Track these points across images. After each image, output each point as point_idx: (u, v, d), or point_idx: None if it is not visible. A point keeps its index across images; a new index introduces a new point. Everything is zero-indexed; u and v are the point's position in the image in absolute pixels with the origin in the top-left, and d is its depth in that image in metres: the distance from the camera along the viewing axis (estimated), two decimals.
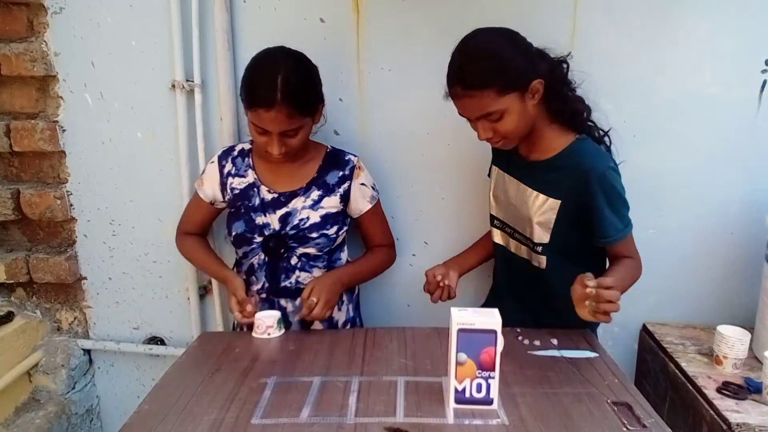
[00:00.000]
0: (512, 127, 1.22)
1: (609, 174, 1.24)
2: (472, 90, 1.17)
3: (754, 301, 1.53)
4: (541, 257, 1.34)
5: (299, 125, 1.34)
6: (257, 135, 1.35)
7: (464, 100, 1.20)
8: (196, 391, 1.14)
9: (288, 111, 1.29)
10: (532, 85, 1.20)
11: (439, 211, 1.74)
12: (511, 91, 1.17)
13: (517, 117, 1.21)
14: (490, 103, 1.18)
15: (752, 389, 1.33)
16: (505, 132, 1.23)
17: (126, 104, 1.70)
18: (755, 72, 1.54)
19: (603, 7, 1.53)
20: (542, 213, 1.30)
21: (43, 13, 1.64)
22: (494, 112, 1.19)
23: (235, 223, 1.46)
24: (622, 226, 1.28)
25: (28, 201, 1.75)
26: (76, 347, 1.90)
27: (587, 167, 1.24)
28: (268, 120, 1.29)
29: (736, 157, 1.60)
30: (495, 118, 1.20)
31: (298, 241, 1.45)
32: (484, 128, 1.23)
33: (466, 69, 1.17)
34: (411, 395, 1.11)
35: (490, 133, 1.23)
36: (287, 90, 1.27)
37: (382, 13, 1.59)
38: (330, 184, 1.48)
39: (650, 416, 1.03)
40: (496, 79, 1.16)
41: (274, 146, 1.34)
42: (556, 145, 1.30)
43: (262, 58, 1.34)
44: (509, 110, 1.19)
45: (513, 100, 1.18)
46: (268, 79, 1.28)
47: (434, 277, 1.37)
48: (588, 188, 1.23)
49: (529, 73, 1.19)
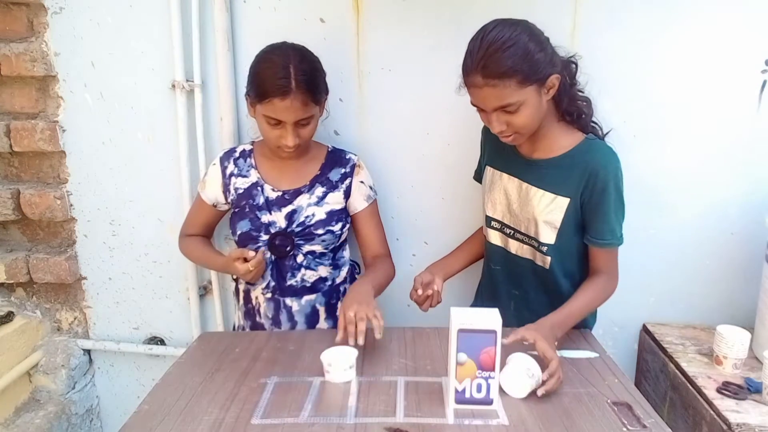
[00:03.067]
0: (527, 120, 1.20)
1: (619, 173, 1.25)
2: (494, 79, 1.14)
3: (754, 301, 1.53)
4: (546, 257, 1.34)
5: (311, 114, 1.36)
6: (270, 128, 1.35)
7: (484, 90, 1.16)
8: (196, 391, 1.14)
9: (303, 98, 1.31)
10: (550, 80, 1.19)
11: (439, 211, 1.74)
12: (531, 83, 1.16)
13: (533, 111, 1.20)
14: (510, 94, 1.15)
15: (752, 389, 1.33)
16: (520, 125, 1.21)
17: (126, 104, 1.70)
18: (755, 72, 1.54)
19: (603, 7, 1.53)
20: (549, 212, 1.30)
21: (43, 13, 1.64)
22: (513, 104, 1.16)
23: (240, 222, 1.46)
24: (618, 234, 1.29)
25: (28, 201, 1.75)
26: (76, 347, 1.91)
27: (600, 164, 1.24)
28: (283, 109, 1.30)
29: (736, 157, 1.60)
30: (512, 110, 1.18)
31: (304, 238, 1.45)
32: (498, 120, 1.21)
33: (490, 57, 1.13)
34: (411, 395, 1.11)
35: (504, 126, 1.21)
36: (301, 77, 1.30)
37: (382, 13, 1.59)
38: (333, 181, 1.49)
39: (650, 416, 1.03)
40: (518, 70, 1.13)
41: (288, 136, 1.34)
42: (563, 143, 1.30)
43: (270, 52, 1.36)
44: (526, 103, 1.17)
45: (531, 92, 1.17)
46: (281, 69, 1.30)
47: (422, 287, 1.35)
48: (598, 184, 1.24)
49: (548, 67, 1.18)
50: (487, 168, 1.46)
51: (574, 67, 1.30)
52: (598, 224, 1.27)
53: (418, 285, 1.36)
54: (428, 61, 1.60)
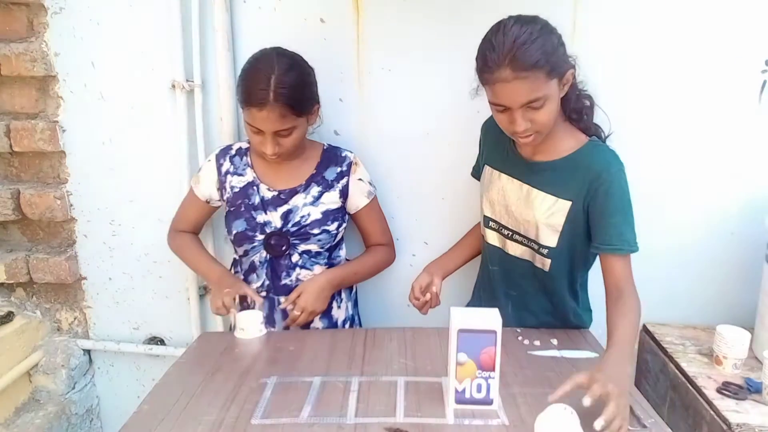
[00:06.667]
0: (550, 116, 1.18)
1: (623, 176, 1.23)
2: (524, 71, 1.10)
3: (754, 301, 1.53)
4: (546, 260, 1.33)
5: (292, 125, 1.34)
6: (252, 134, 1.36)
7: (513, 84, 1.12)
8: (196, 391, 1.14)
9: (280, 111, 1.29)
10: (567, 74, 1.18)
11: (439, 211, 1.74)
12: (555, 76, 1.14)
13: (555, 107, 1.18)
14: (539, 87, 1.12)
15: (752, 389, 1.33)
16: (542, 122, 1.18)
17: (126, 104, 1.70)
18: (755, 72, 1.54)
19: (602, 7, 1.53)
20: (551, 215, 1.29)
21: (43, 13, 1.64)
22: (540, 98, 1.14)
23: (235, 222, 1.46)
24: (628, 239, 1.23)
25: (28, 201, 1.75)
26: (76, 347, 1.91)
27: (602, 167, 1.23)
28: (261, 119, 1.30)
29: (737, 157, 1.60)
30: (538, 105, 1.15)
31: (300, 237, 1.45)
32: (524, 117, 1.16)
33: (519, 49, 1.10)
34: (411, 395, 1.11)
35: (529, 123, 1.17)
36: (280, 90, 1.28)
37: (382, 13, 1.59)
38: (329, 180, 1.49)
39: (650, 416, 1.03)
40: (546, 60, 1.11)
41: (267, 146, 1.35)
42: (566, 146, 1.28)
43: (258, 59, 1.35)
44: (551, 98, 1.15)
45: (554, 87, 1.15)
46: (261, 79, 1.29)
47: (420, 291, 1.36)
48: (601, 188, 1.22)
49: (566, 61, 1.18)
50: (485, 167, 1.46)
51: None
52: (604, 229, 1.24)
53: (417, 290, 1.37)
54: (428, 61, 1.60)
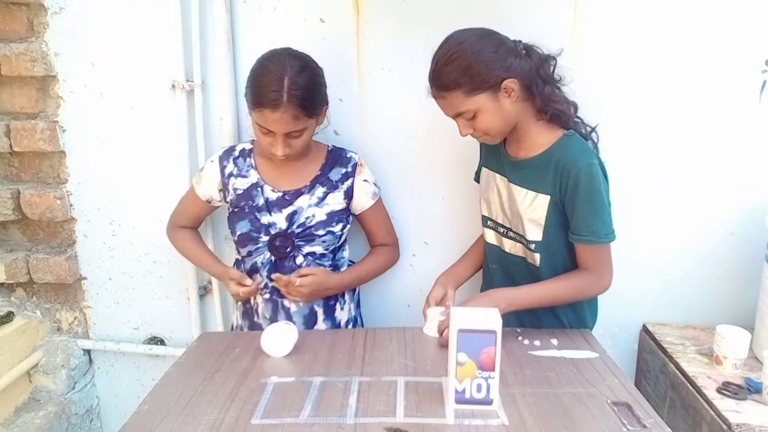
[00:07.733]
0: (489, 125, 1.26)
1: (592, 169, 1.24)
2: (442, 91, 1.24)
3: (754, 301, 1.53)
4: (535, 254, 1.34)
5: (304, 127, 1.34)
6: (262, 135, 1.36)
7: (439, 101, 1.28)
8: (196, 391, 1.13)
9: (294, 112, 1.29)
10: (505, 85, 1.21)
11: (439, 211, 1.74)
12: (480, 91, 1.21)
13: (492, 116, 1.24)
14: (460, 104, 1.23)
15: (752, 389, 1.33)
16: (483, 129, 1.27)
17: (126, 104, 1.70)
18: (755, 72, 1.54)
19: (603, 7, 1.53)
20: (533, 210, 1.31)
21: (43, 13, 1.64)
22: (466, 112, 1.24)
23: (240, 223, 1.46)
24: (596, 231, 1.25)
25: (28, 201, 1.75)
26: (76, 347, 1.91)
27: (570, 160, 1.25)
28: (273, 121, 1.30)
29: (736, 157, 1.60)
30: (469, 117, 1.25)
31: (304, 239, 1.45)
32: (462, 125, 1.29)
33: (437, 71, 1.23)
34: (411, 395, 1.11)
35: (470, 129, 1.28)
36: (293, 92, 1.28)
37: (382, 13, 1.59)
38: (334, 181, 1.49)
39: (650, 416, 1.03)
40: (462, 82, 1.20)
41: (278, 147, 1.34)
42: (542, 141, 1.31)
43: (269, 59, 1.34)
44: (482, 109, 1.23)
45: (485, 99, 1.22)
46: (275, 81, 1.28)
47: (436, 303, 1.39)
48: (569, 181, 1.24)
49: (499, 73, 1.20)
50: (483, 168, 1.49)
51: (552, 64, 1.29)
52: (575, 221, 1.27)
53: (433, 303, 1.39)
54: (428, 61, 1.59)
